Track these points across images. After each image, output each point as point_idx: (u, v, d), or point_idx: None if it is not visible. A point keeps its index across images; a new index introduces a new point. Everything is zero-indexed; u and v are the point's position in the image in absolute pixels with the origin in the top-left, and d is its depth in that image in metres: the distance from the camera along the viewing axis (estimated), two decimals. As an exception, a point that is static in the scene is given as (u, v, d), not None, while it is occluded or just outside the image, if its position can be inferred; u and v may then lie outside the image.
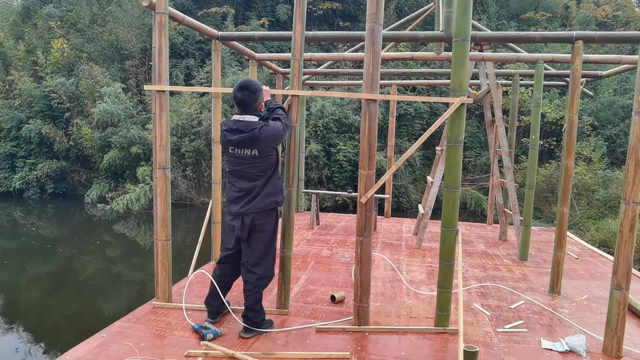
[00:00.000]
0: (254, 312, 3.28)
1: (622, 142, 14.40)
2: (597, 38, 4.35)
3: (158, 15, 3.56)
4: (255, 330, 3.29)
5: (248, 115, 3.15)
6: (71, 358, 2.96)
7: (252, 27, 17.74)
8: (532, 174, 5.54)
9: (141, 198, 13.69)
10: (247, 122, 3.12)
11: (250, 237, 3.22)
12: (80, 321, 6.33)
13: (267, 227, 3.24)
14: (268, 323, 3.40)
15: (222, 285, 3.40)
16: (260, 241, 3.24)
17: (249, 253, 3.25)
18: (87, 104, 16.34)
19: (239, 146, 3.12)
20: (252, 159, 3.13)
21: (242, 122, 3.13)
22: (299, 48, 3.53)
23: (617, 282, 3.09)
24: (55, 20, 18.95)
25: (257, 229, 3.21)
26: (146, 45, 17.35)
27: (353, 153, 14.05)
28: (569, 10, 19.99)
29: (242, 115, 3.16)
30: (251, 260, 3.25)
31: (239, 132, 3.10)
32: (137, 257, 9.91)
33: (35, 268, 8.74)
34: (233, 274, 3.43)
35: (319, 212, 7.60)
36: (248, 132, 3.07)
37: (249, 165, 3.15)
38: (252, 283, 3.25)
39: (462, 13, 3.22)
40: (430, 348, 3.22)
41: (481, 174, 14.88)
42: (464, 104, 3.28)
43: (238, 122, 3.14)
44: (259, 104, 3.23)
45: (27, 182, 16.21)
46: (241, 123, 3.12)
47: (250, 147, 3.10)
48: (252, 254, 3.25)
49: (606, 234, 10.16)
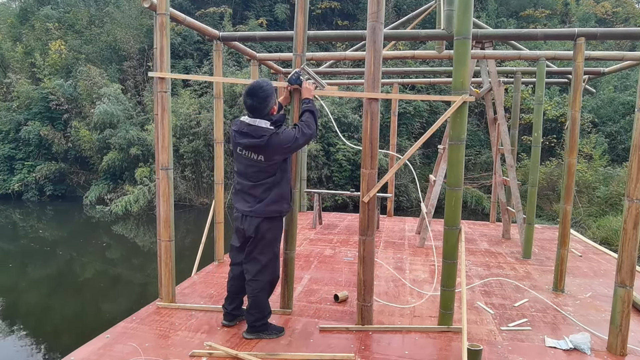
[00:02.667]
0: (251, 314, 3.24)
1: (623, 138, 14.35)
2: (599, 35, 4.34)
3: (159, 17, 3.55)
4: (258, 334, 3.26)
5: (259, 120, 3.07)
6: (76, 359, 2.96)
7: (250, 26, 17.71)
8: (535, 172, 5.53)
9: (140, 199, 13.66)
10: (257, 128, 3.05)
11: (253, 239, 3.18)
12: (80, 323, 6.31)
13: (269, 234, 3.19)
14: (276, 330, 3.34)
15: (236, 288, 3.37)
16: (260, 245, 3.19)
17: (248, 254, 3.22)
18: (85, 105, 16.30)
19: (247, 149, 3.09)
20: (259, 163, 3.09)
21: (252, 126, 3.06)
22: (301, 43, 3.48)
23: (621, 279, 3.09)
24: (53, 22, 18.90)
25: (260, 233, 3.16)
26: (144, 46, 17.31)
27: (352, 152, 14.03)
28: (569, 7, 19.98)
29: (253, 119, 3.09)
30: (249, 264, 3.22)
31: (248, 137, 3.05)
32: (137, 259, 9.89)
33: (35, 270, 8.72)
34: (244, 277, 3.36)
35: (322, 212, 7.59)
36: (257, 139, 3.02)
37: (256, 169, 3.11)
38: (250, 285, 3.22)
39: (463, 11, 3.21)
40: (434, 347, 3.21)
41: (482, 172, 14.88)
42: (465, 102, 3.27)
43: (249, 126, 3.06)
44: (270, 109, 3.13)
45: (26, 184, 16.16)
46: (252, 127, 3.05)
47: (257, 153, 3.06)
48: (251, 254, 3.21)
49: (608, 232, 10.15)
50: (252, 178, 3.14)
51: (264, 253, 3.20)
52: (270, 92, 3.11)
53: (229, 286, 3.41)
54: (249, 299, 3.24)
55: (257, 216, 3.13)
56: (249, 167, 3.13)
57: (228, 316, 3.42)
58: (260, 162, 3.08)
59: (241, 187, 3.20)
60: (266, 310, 3.29)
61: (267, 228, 3.16)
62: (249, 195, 3.16)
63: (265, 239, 3.18)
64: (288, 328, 3.46)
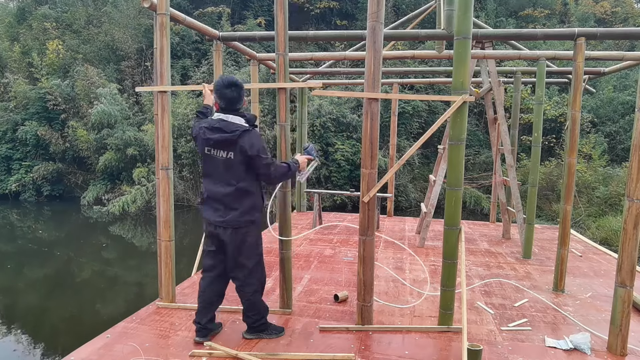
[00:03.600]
0: (249, 317, 3.22)
1: (622, 138, 14.33)
2: (599, 35, 4.34)
3: (159, 17, 3.55)
4: (258, 334, 3.25)
5: (232, 116, 2.99)
6: (76, 359, 2.96)
7: (248, 26, 17.68)
8: (535, 172, 5.54)
9: (137, 200, 13.61)
10: (230, 123, 2.96)
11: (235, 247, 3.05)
12: (78, 324, 6.29)
13: (250, 237, 3.08)
14: (276, 330, 3.33)
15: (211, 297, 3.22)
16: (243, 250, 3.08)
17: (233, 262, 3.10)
18: (83, 105, 16.23)
19: (216, 147, 2.96)
20: (228, 161, 2.96)
21: (225, 121, 2.96)
22: (282, 43, 3.45)
23: (621, 279, 3.09)
24: (50, 22, 18.83)
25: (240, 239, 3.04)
26: (142, 46, 17.26)
27: (351, 152, 14.01)
28: (568, 7, 20.01)
29: (226, 115, 2.99)
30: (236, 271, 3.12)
31: (220, 132, 2.93)
32: (134, 259, 9.86)
33: (32, 271, 8.69)
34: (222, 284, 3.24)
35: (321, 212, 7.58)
36: (229, 133, 2.91)
37: (224, 169, 2.98)
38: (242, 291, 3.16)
39: (464, 11, 3.21)
40: (434, 347, 3.21)
41: (480, 172, 14.87)
42: (465, 102, 3.27)
43: (222, 121, 2.96)
44: (243, 102, 3.10)
45: (23, 185, 16.08)
46: (224, 123, 2.96)
47: (228, 149, 2.94)
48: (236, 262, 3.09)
49: (607, 232, 10.13)
50: (221, 180, 3.00)
51: (249, 257, 3.10)
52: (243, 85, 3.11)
53: (203, 297, 3.19)
54: (244, 303, 3.20)
55: (232, 226, 3.00)
56: (218, 168, 2.99)
57: (202, 331, 3.18)
58: (229, 159, 2.95)
59: (210, 194, 3.05)
60: (263, 310, 3.26)
61: (245, 232, 3.05)
62: (219, 202, 3.01)
63: (247, 243, 3.07)
64: (288, 328, 3.45)
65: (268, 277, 4.64)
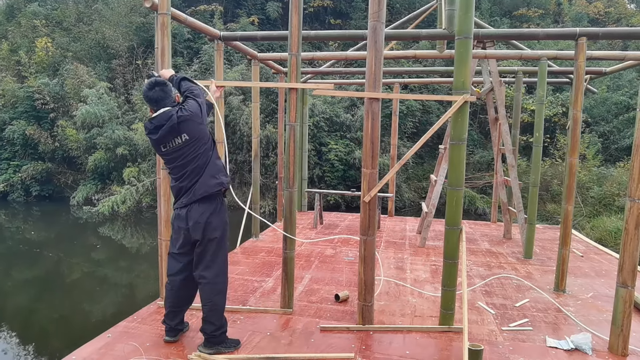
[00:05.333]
0: (210, 324, 3.00)
1: (616, 138, 14.40)
2: (601, 34, 4.36)
3: (160, 16, 3.53)
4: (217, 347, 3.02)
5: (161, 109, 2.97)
6: (77, 358, 2.95)
7: (241, 24, 17.57)
8: (537, 172, 5.55)
9: (127, 200, 13.42)
10: (161, 115, 2.94)
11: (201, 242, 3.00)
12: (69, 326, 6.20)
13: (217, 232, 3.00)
14: (233, 343, 3.11)
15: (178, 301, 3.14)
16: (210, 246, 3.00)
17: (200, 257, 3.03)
18: (73, 104, 15.98)
19: (167, 140, 2.94)
20: (185, 146, 2.94)
21: (157, 116, 2.96)
22: (296, 43, 3.45)
23: (622, 279, 3.10)
24: (40, 19, 18.57)
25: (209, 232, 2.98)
26: (133, 44, 17.08)
27: (345, 152, 13.98)
28: (561, 7, 20.17)
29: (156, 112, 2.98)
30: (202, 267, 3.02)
31: (159, 127, 2.92)
32: (124, 260, 9.73)
33: (21, 272, 8.55)
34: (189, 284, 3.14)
35: (322, 211, 7.56)
36: (167, 121, 2.90)
37: (185, 155, 2.95)
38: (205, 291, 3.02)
39: (465, 11, 3.21)
40: (435, 347, 3.21)
41: (474, 172, 14.92)
42: (467, 102, 3.26)
43: (154, 118, 2.96)
44: (175, 96, 3.05)
45: (12, 185, 15.80)
46: (156, 118, 2.95)
47: (178, 134, 2.92)
48: (204, 257, 3.01)
49: (602, 232, 10.10)
50: (185, 167, 2.98)
51: (216, 254, 3.02)
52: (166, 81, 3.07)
53: (170, 301, 3.12)
54: (206, 306, 3.01)
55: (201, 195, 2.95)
56: (179, 159, 2.96)
57: (172, 331, 3.17)
58: (186, 142, 2.93)
59: (177, 184, 3.04)
60: (224, 318, 3.08)
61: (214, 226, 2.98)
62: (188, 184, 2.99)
63: (215, 239, 3.00)
64: (289, 328, 3.44)
65: (269, 276, 4.64)
